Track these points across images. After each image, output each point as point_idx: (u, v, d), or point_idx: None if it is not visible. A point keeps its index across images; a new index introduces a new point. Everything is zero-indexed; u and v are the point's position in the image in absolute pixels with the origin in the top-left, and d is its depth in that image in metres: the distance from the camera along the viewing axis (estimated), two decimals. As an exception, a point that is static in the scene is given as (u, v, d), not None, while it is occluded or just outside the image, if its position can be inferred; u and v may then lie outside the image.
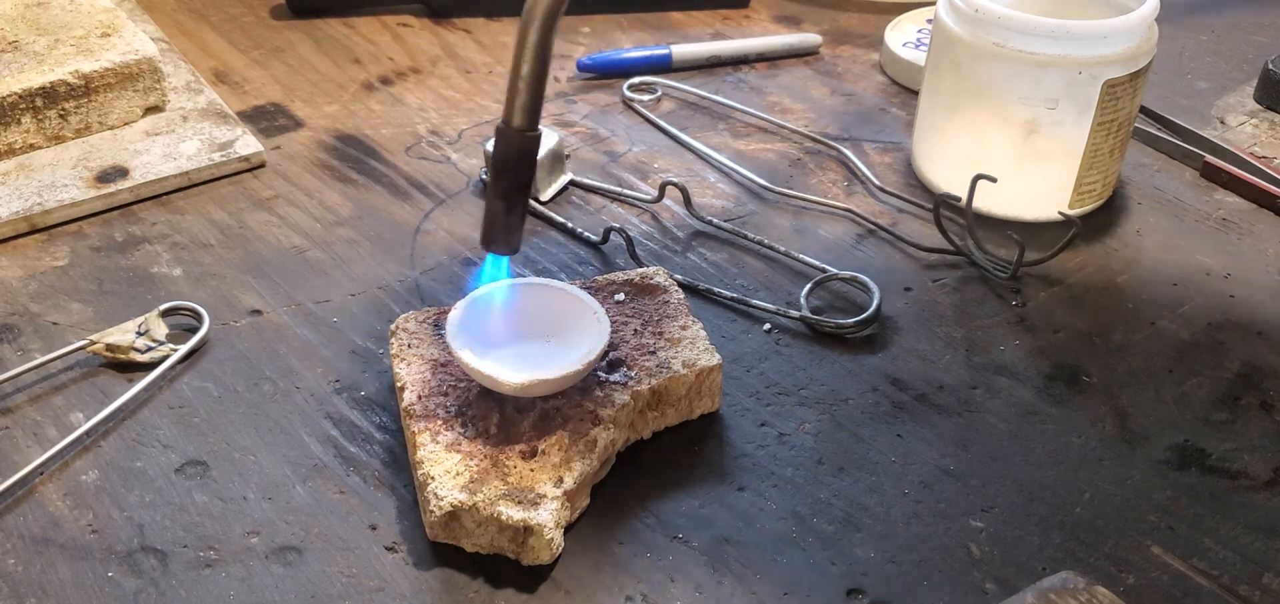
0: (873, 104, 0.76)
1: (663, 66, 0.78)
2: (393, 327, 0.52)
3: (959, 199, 0.60)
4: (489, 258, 0.49)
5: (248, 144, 0.67)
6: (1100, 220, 0.64)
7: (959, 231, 0.61)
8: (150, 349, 0.53)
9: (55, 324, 0.55)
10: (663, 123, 0.73)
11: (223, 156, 0.66)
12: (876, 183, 0.67)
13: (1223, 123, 0.73)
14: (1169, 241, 0.63)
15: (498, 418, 0.46)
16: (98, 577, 0.43)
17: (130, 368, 0.53)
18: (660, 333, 0.51)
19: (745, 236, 0.62)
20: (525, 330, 0.49)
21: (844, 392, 0.52)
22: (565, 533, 0.44)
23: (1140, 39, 0.59)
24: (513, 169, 0.47)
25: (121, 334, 0.53)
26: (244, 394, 0.52)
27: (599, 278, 0.55)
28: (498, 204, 0.47)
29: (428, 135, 0.71)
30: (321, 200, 0.65)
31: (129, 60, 0.67)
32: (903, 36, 0.80)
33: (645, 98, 0.76)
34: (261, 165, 0.67)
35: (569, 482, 0.44)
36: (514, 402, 0.47)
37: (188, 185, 0.65)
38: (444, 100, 0.75)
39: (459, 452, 0.45)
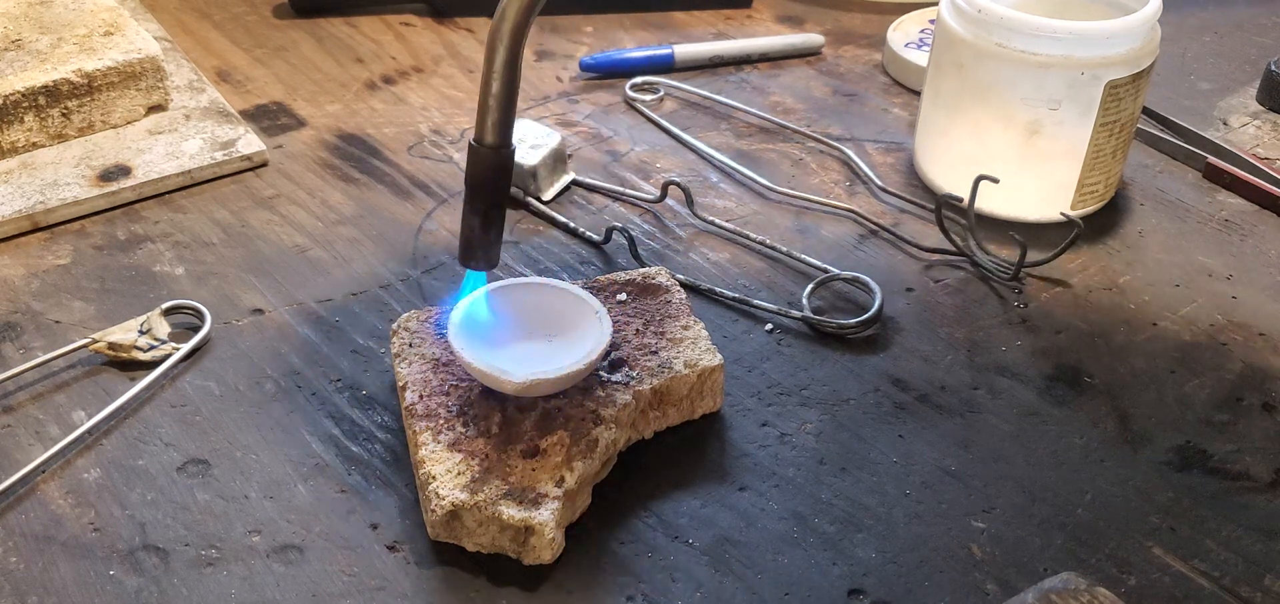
0: (875, 104, 0.76)
1: (665, 66, 0.78)
2: (394, 326, 0.52)
3: (961, 199, 0.59)
4: (468, 274, 0.49)
5: (250, 143, 0.67)
6: (1102, 221, 0.64)
7: (961, 232, 0.61)
8: (152, 348, 0.53)
9: (57, 322, 0.55)
10: (665, 122, 0.73)
11: (225, 155, 0.66)
12: (878, 183, 0.67)
13: (1225, 124, 0.73)
14: (1171, 243, 0.63)
15: (499, 417, 0.46)
16: (99, 575, 0.43)
17: (132, 366, 0.53)
18: (662, 333, 0.51)
19: (747, 236, 0.62)
20: (527, 330, 0.49)
21: (845, 392, 0.52)
22: (566, 532, 0.44)
23: (1143, 40, 0.59)
24: (488, 186, 0.47)
25: (123, 332, 0.53)
26: (246, 393, 0.52)
27: (601, 277, 0.55)
28: (474, 221, 0.47)
29: (430, 134, 0.71)
30: (324, 199, 0.65)
31: (132, 59, 0.67)
32: (905, 37, 0.80)
33: (648, 97, 0.76)
34: (264, 164, 0.67)
35: (570, 481, 0.44)
36: (515, 401, 0.47)
37: (190, 184, 0.65)
38: (446, 99, 0.75)
39: (460, 451, 0.45)
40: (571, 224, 0.63)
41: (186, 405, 0.51)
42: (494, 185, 0.47)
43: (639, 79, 0.77)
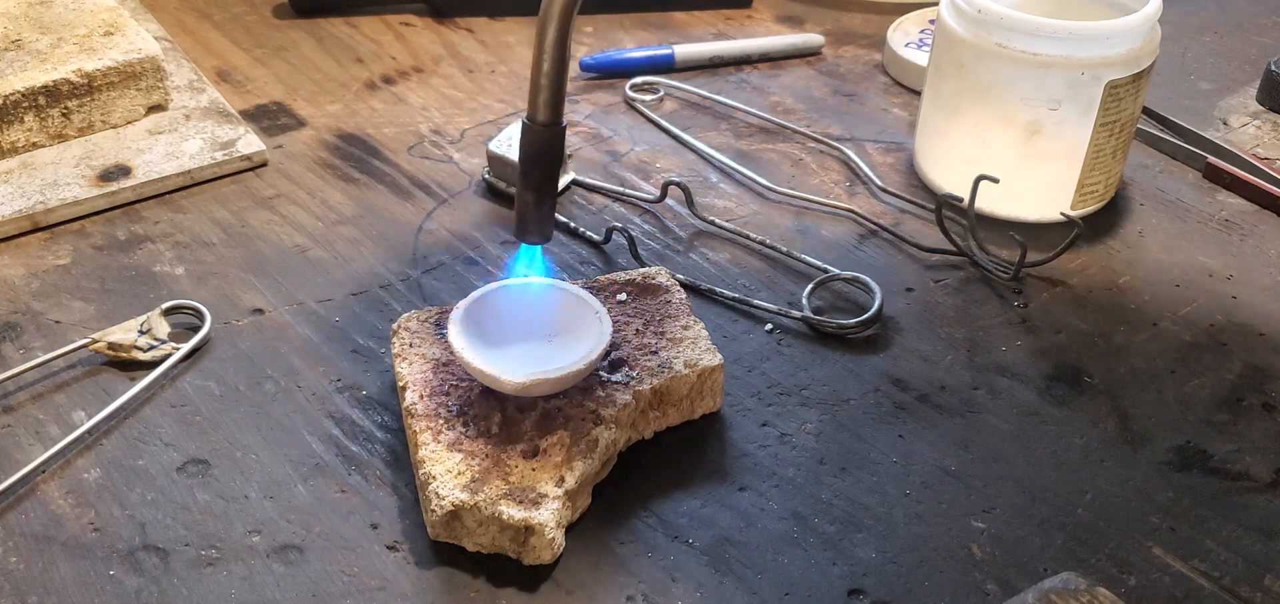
0: (875, 104, 0.76)
1: (665, 66, 0.78)
2: (394, 326, 0.52)
3: (961, 199, 0.59)
4: (522, 247, 0.51)
5: (250, 143, 0.67)
6: (1102, 221, 0.64)
7: (961, 232, 0.61)
8: (152, 348, 0.53)
9: (57, 322, 0.55)
10: (665, 123, 0.73)
11: (225, 155, 0.66)
12: (878, 183, 0.67)
13: (1225, 124, 0.73)
14: (1171, 243, 0.63)
15: (499, 417, 0.46)
16: (99, 575, 0.43)
17: (132, 366, 0.53)
18: (662, 333, 0.51)
19: (747, 237, 0.62)
20: (527, 330, 0.49)
21: (845, 392, 0.52)
22: (566, 532, 0.44)
23: (1143, 40, 0.59)
24: (541, 162, 0.49)
25: (123, 332, 0.53)
26: (246, 393, 0.52)
27: (601, 277, 0.55)
28: (528, 196, 0.49)
29: (430, 134, 0.71)
30: (324, 199, 0.65)
31: (132, 59, 0.67)
32: (905, 37, 0.80)
33: (648, 98, 0.76)
34: (264, 164, 0.67)
35: (570, 481, 0.44)
36: (515, 401, 0.47)
37: (190, 184, 0.65)
38: (446, 99, 0.75)
39: (460, 451, 0.45)
40: (571, 224, 0.63)
41: (186, 405, 0.51)
42: (546, 160, 0.49)
43: (639, 79, 0.77)
